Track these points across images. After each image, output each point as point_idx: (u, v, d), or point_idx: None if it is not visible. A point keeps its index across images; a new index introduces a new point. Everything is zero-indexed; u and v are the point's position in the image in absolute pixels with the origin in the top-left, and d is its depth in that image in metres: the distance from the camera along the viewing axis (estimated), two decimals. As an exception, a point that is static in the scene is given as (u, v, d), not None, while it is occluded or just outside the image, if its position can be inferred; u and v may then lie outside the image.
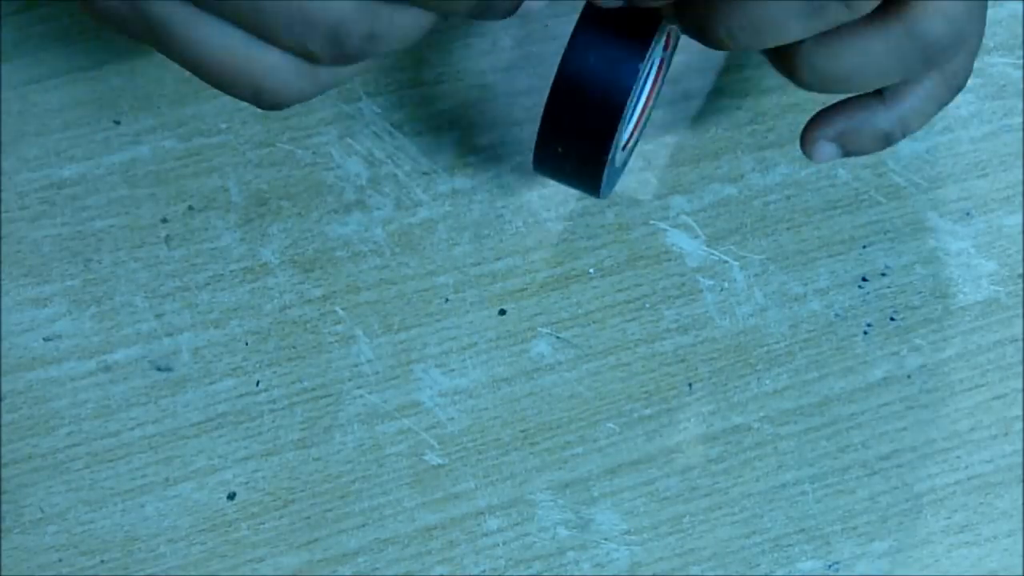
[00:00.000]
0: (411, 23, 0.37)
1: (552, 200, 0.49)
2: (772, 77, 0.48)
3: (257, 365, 0.47)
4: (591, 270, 0.48)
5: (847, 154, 0.43)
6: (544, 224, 0.49)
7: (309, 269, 0.48)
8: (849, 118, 0.42)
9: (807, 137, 0.43)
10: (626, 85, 0.40)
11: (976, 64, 0.52)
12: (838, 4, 0.38)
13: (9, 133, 0.49)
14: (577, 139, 0.41)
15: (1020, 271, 0.49)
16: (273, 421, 0.46)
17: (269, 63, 0.37)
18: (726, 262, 0.48)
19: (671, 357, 0.47)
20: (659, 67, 0.46)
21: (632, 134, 0.46)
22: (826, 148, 0.43)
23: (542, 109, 0.40)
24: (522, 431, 0.46)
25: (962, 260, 0.49)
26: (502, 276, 0.48)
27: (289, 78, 0.38)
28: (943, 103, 0.43)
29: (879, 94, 0.42)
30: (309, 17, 0.36)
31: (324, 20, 0.36)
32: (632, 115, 0.45)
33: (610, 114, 0.40)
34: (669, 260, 0.48)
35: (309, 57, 0.37)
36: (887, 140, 0.43)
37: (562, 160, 0.42)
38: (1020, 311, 0.48)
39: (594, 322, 0.48)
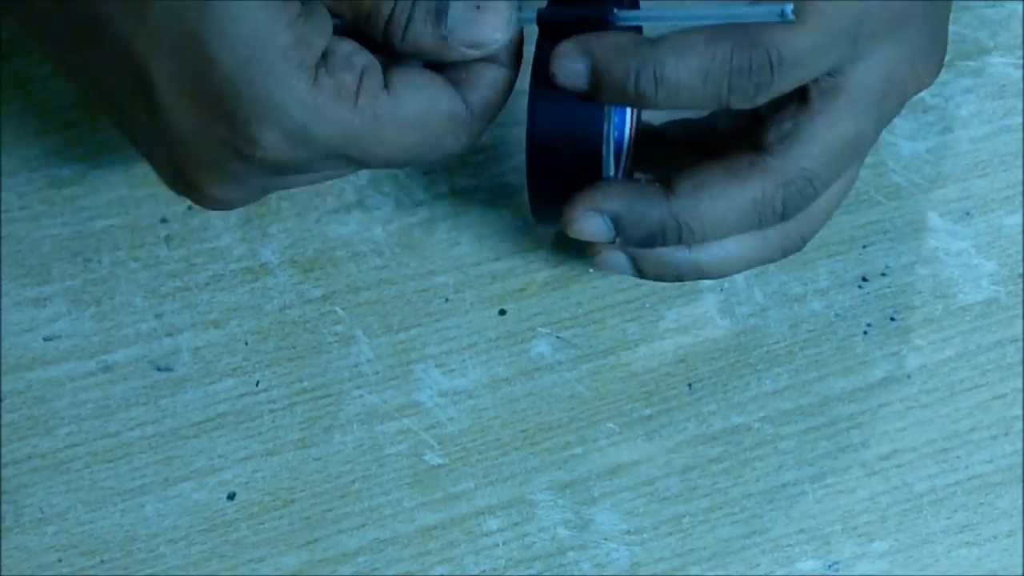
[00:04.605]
0: None
1: (552, 200, 0.49)
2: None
3: (257, 365, 0.47)
4: (591, 270, 0.48)
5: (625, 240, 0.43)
6: (544, 224, 0.49)
7: (309, 269, 0.48)
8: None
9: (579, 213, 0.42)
10: (597, 131, 0.40)
11: (976, 64, 0.52)
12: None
13: (9, 133, 0.49)
14: (567, 189, 0.42)
15: (1020, 271, 0.49)
16: (273, 421, 0.46)
17: None
18: (726, 262, 0.48)
19: (671, 357, 0.47)
20: None
21: (624, 159, 0.46)
22: (596, 221, 0.42)
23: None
24: (522, 431, 0.46)
25: (962, 260, 0.49)
26: (502, 276, 0.48)
27: None
28: (762, 261, 0.44)
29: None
30: None
31: None
32: (619, 149, 0.45)
33: (591, 162, 0.41)
34: (669, 260, 0.48)
35: None
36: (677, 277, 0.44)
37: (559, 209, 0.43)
38: (1020, 311, 0.48)
39: (594, 322, 0.48)
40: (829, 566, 0.45)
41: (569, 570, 0.44)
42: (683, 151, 0.46)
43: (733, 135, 0.43)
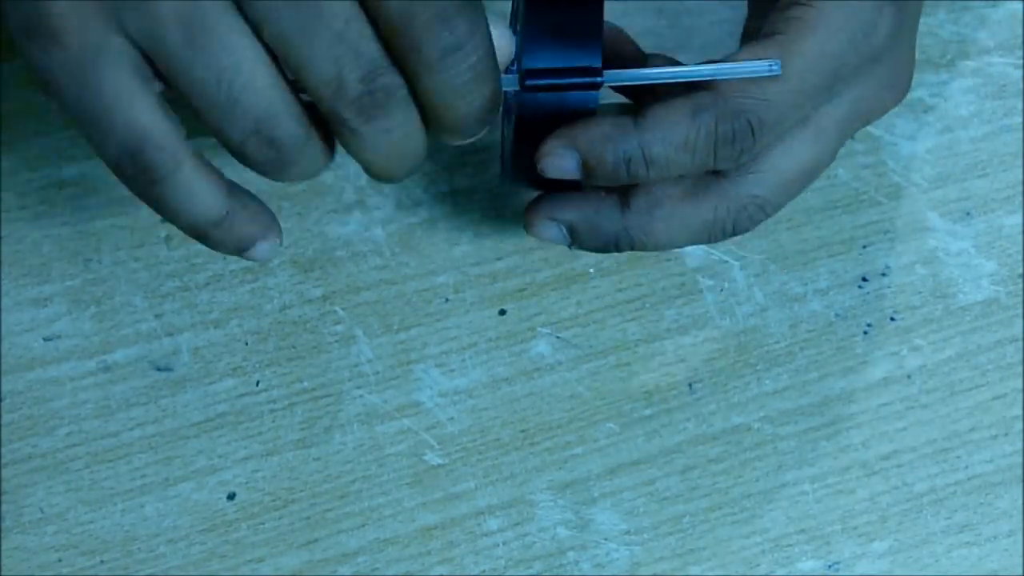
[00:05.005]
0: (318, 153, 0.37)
1: (552, 200, 0.49)
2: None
3: (257, 365, 0.47)
4: (591, 270, 0.48)
5: (574, 242, 0.43)
6: (544, 224, 0.49)
7: (309, 269, 0.48)
8: (583, 213, 0.43)
9: (536, 216, 0.43)
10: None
11: (976, 64, 0.52)
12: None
13: (9, 133, 0.49)
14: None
15: (1020, 271, 0.49)
16: (273, 421, 0.46)
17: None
18: (726, 262, 0.48)
19: (671, 357, 0.47)
20: None
21: None
22: (552, 229, 0.43)
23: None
24: (522, 431, 0.46)
25: (962, 260, 0.49)
26: (502, 276, 0.48)
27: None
28: (701, 241, 0.44)
29: (623, 195, 0.42)
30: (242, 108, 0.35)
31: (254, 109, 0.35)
32: None
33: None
34: (669, 260, 0.48)
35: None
36: (616, 246, 0.43)
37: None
38: (1020, 311, 0.48)
39: (594, 322, 0.48)
40: (829, 566, 0.45)
41: (569, 570, 0.44)
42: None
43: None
